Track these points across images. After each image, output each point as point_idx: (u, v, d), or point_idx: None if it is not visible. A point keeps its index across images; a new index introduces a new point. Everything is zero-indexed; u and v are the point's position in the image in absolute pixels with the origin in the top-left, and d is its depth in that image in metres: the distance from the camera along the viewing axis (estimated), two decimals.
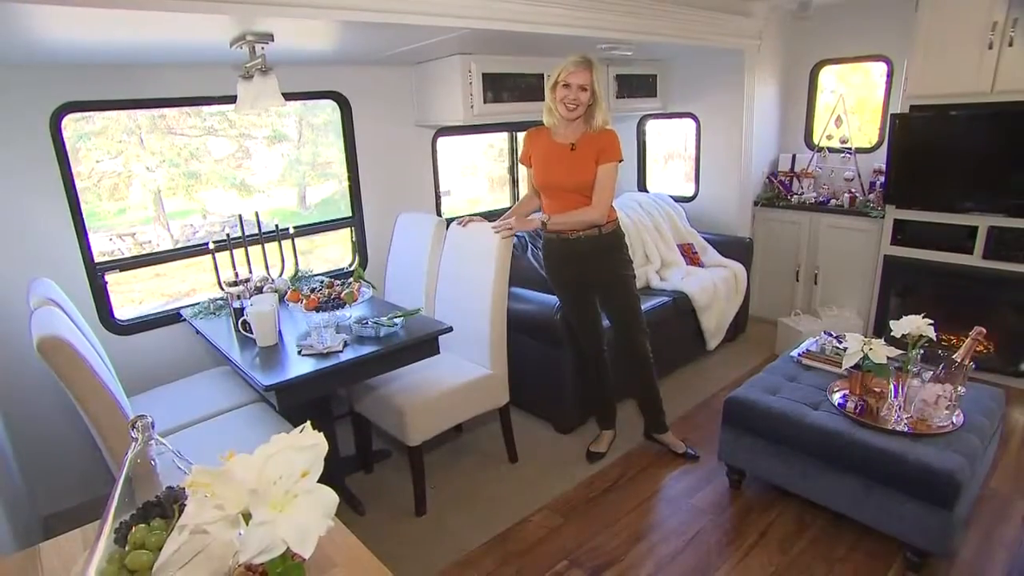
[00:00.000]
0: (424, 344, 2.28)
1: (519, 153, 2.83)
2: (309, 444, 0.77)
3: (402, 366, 2.33)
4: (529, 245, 3.49)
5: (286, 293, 2.50)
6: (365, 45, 2.68)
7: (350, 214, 3.42)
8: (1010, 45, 3.00)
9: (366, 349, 2.19)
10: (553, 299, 2.86)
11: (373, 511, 2.58)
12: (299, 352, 2.19)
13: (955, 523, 1.98)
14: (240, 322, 2.35)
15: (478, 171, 4.47)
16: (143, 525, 0.82)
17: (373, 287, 2.64)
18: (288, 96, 3.08)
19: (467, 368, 2.67)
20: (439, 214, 3.66)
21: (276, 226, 3.00)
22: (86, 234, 2.58)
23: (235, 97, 2.41)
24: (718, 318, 3.69)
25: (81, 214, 2.54)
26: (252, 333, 2.29)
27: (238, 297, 2.55)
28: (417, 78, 3.34)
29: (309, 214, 3.49)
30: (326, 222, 3.40)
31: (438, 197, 3.67)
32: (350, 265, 3.50)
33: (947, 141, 3.35)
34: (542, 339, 2.92)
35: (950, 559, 2.14)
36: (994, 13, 3.02)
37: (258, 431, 2.24)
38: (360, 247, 3.46)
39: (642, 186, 4.64)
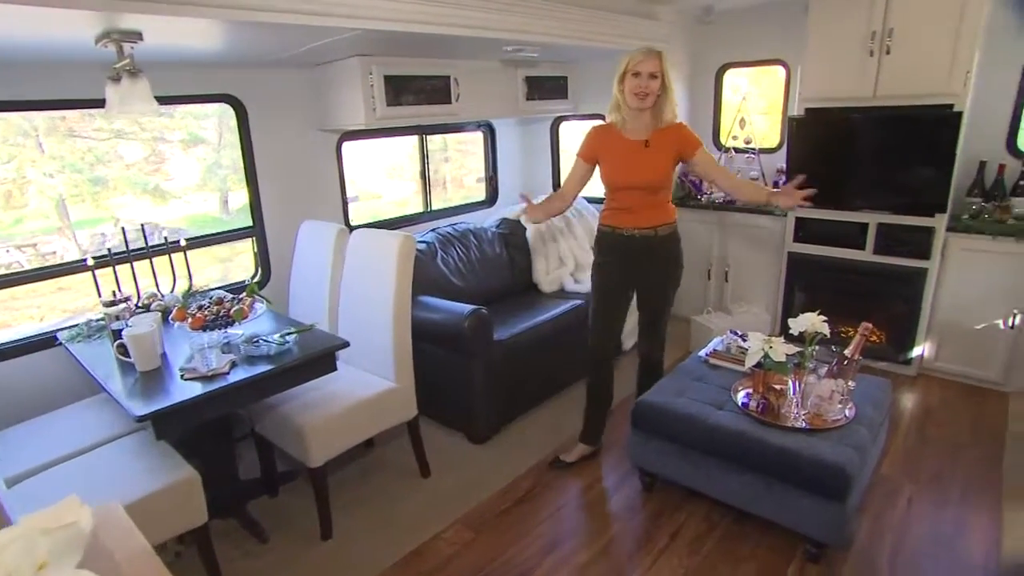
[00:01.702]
0: (319, 361, 2.17)
1: (582, 146, 2.57)
2: (61, 524, 0.63)
3: (297, 385, 2.21)
4: (439, 252, 3.41)
5: (172, 311, 2.33)
6: (253, 46, 2.53)
7: (250, 223, 3.24)
8: (887, 53, 3.17)
9: (257, 369, 2.05)
10: (463, 307, 2.80)
11: (277, 538, 2.44)
12: (182, 376, 2.03)
13: (848, 514, 2.05)
14: (116, 345, 2.16)
15: (404, 173, 4.35)
16: None
17: (268, 301, 2.50)
18: (175, 100, 2.90)
19: (371, 382, 2.56)
20: (347, 221, 3.53)
21: (165, 238, 2.80)
22: None
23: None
24: (632, 318, 3.71)
25: None
26: (131, 357, 2.11)
27: (117, 318, 2.36)
28: (317, 81, 3.19)
29: (232, 220, 3.28)
30: (223, 233, 3.20)
31: (345, 204, 3.53)
32: (253, 277, 3.32)
33: (839, 143, 3.51)
34: (452, 349, 2.85)
35: (846, 548, 2.22)
36: (872, 22, 3.19)
37: (137, 464, 2.06)
38: (262, 258, 3.28)
39: (557, 188, 4.64)
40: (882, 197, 3.41)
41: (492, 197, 4.46)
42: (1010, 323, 3.23)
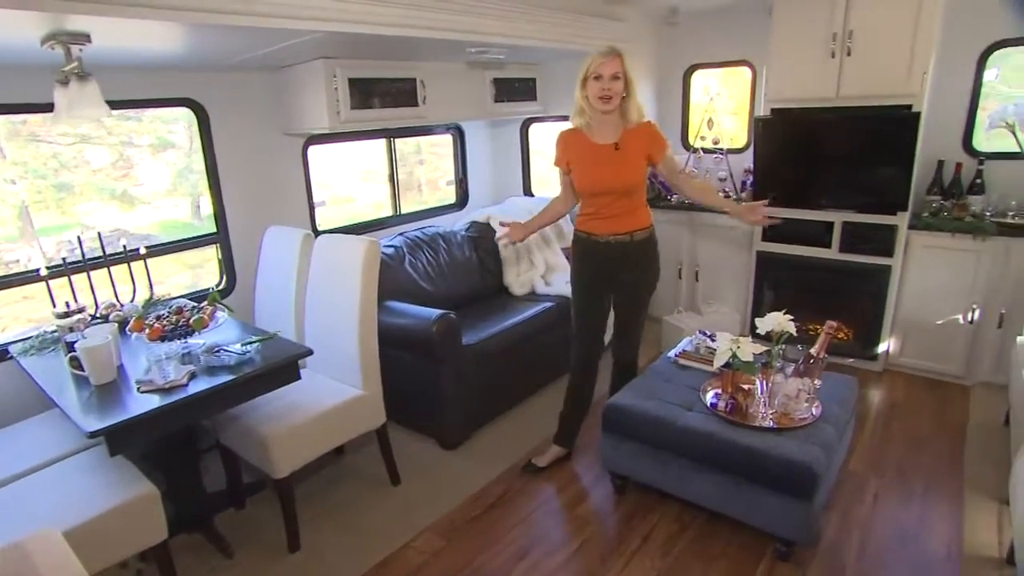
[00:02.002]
0: (281, 370, 2.12)
1: (556, 155, 2.55)
2: None
3: (259, 395, 2.15)
4: (407, 256, 3.38)
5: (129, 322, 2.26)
6: (211, 49, 2.47)
7: (214, 230, 3.17)
8: (848, 55, 3.22)
9: (217, 380, 2.00)
10: (431, 312, 2.77)
11: (243, 552, 2.38)
12: (138, 389, 1.96)
13: (815, 512, 2.06)
14: (69, 358, 2.09)
15: (379, 176, 4.30)
16: None
17: (230, 310, 2.44)
18: (132, 104, 2.83)
19: (338, 390, 2.52)
20: (313, 226, 3.47)
21: (124, 247, 2.72)
22: None
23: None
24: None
25: None
26: (84, 370, 2.04)
27: (71, 329, 2.28)
28: (281, 84, 3.14)
29: (203, 225, 3.20)
30: (186, 240, 3.12)
31: (312, 209, 3.47)
32: (218, 285, 3.25)
33: (804, 143, 3.56)
34: (421, 354, 2.81)
35: (814, 545, 2.24)
36: (833, 24, 3.24)
37: (93, 481, 1.99)
38: (227, 265, 3.21)
39: (527, 190, 4.63)
40: (846, 196, 3.47)
41: (463, 200, 4.43)
42: (969, 318, 3.30)
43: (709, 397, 2.40)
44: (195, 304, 2.35)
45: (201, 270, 3.39)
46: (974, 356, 3.37)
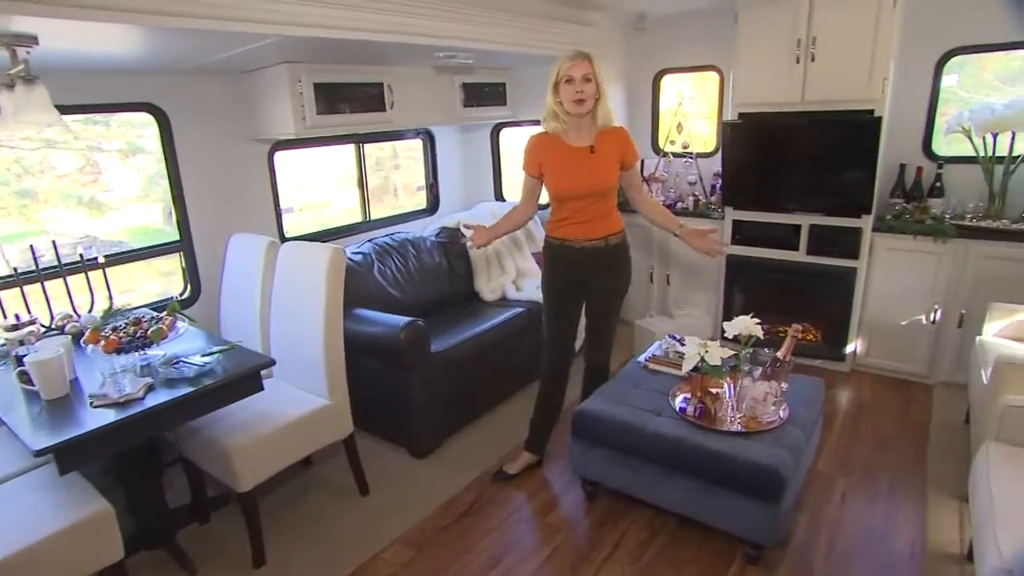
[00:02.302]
0: (243, 381, 2.06)
1: (525, 160, 2.53)
2: None
3: (220, 407, 2.09)
4: (376, 263, 3.33)
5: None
6: (168, 51, 2.40)
7: (177, 238, 3.09)
8: (812, 60, 3.27)
9: (176, 393, 1.94)
10: (399, 319, 2.73)
11: (206, 568, 2.31)
12: (91, 404, 1.90)
13: (783, 515, 2.07)
14: (17, 372, 2.01)
15: (355, 180, 4.24)
16: None
17: (191, 320, 2.38)
18: (88, 109, 2.74)
19: (304, 400, 2.47)
20: (281, 233, 3.41)
21: (81, 256, 2.64)
22: None
23: None
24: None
25: None
26: (34, 385, 1.97)
27: (21, 342, 2.20)
28: (245, 89, 3.07)
29: (174, 231, 3.12)
30: (147, 249, 3.04)
31: (279, 215, 3.41)
32: (181, 294, 3.17)
33: (771, 147, 3.60)
34: (390, 362, 2.77)
35: (783, 547, 2.25)
36: (797, 30, 3.28)
37: (45, 500, 1.91)
38: (191, 273, 3.13)
39: (499, 196, 4.61)
40: (813, 199, 3.52)
41: (433, 205, 4.39)
42: (932, 318, 3.37)
43: (678, 402, 2.40)
44: (154, 315, 2.29)
45: (175, 277, 3.31)
46: (936, 356, 3.43)
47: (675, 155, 4.40)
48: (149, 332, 2.08)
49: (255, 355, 2.22)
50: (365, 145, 3.87)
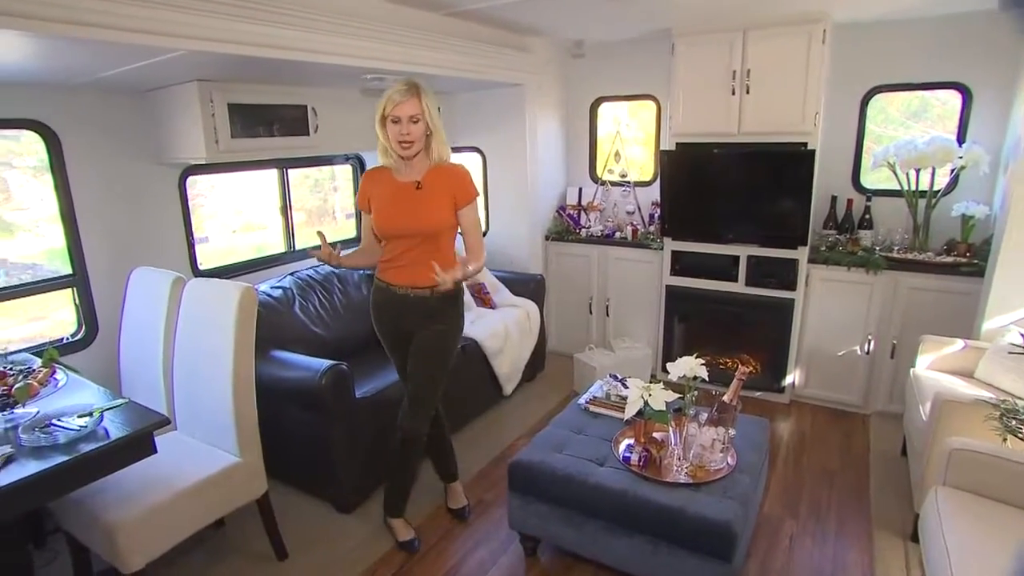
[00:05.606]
0: (131, 445, 1.77)
1: (358, 194, 2.34)
2: None
3: (103, 476, 1.79)
4: (297, 299, 3.08)
5: None
6: (58, 63, 2.11)
7: (69, 271, 2.75)
8: (747, 92, 3.28)
9: (45, 464, 1.63)
10: (319, 363, 2.49)
11: None
12: None
13: (735, 573, 1.95)
14: None
15: (295, 202, 3.96)
16: None
17: (73, 371, 2.07)
18: None
19: (209, 458, 2.18)
20: (194, 266, 3.11)
21: None
22: None
23: None
24: (512, 361, 3.56)
25: None
26: None
27: None
28: (150, 108, 2.79)
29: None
30: (31, 284, 2.68)
31: (191, 246, 3.11)
32: (74, 335, 2.82)
33: (708, 177, 3.59)
34: (310, 409, 2.52)
35: None
36: (732, 63, 3.29)
37: None
38: (86, 312, 2.79)
39: None
40: (750, 230, 3.50)
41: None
42: (866, 349, 3.40)
43: (622, 449, 2.26)
44: (26, 366, 1.97)
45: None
46: (871, 386, 3.46)
47: (613, 184, 4.35)
48: (13, 389, 1.77)
49: (148, 412, 1.92)
50: (290, 170, 3.62)
